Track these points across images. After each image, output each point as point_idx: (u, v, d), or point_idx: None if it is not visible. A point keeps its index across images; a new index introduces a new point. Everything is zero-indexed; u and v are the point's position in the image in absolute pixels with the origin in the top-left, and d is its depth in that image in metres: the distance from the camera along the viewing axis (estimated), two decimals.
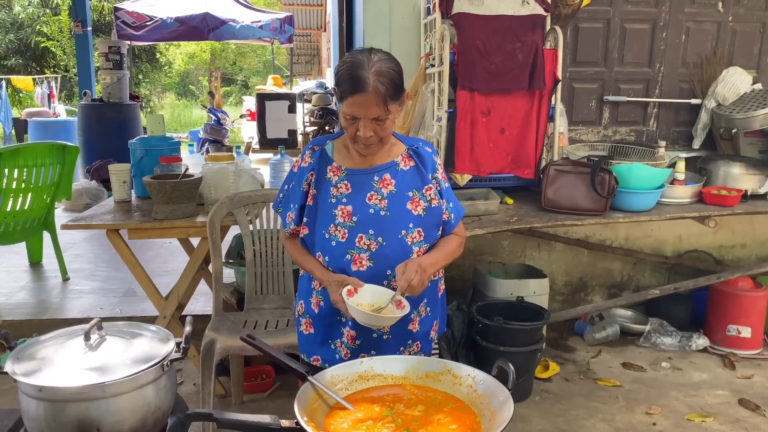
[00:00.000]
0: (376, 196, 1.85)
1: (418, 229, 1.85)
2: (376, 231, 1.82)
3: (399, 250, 1.82)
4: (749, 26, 4.11)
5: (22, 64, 17.85)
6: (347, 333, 1.89)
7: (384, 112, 1.72)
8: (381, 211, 1.83)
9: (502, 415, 1.32)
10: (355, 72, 1.70)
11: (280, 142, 7.52)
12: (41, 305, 4.42)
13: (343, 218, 1.83)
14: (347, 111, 1.73)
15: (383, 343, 1.89)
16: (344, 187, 1.86)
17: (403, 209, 1.84)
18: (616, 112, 4.14)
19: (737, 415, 3.19)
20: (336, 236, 1.83)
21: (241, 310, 3.14)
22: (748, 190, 3.55)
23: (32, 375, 1.33)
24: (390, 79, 1.72)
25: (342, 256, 1.83)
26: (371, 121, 1.73)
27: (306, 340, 2.00)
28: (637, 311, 4.29)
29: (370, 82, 1.68)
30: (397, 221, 1.83)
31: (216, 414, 1.24)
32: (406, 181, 1.87)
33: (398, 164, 1.88)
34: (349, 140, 1.81)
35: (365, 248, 1.82)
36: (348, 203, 1.84)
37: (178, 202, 3.05)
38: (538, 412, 3.20)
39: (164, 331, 1.53)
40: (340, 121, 1.80)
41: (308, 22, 17.08)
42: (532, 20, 3.32)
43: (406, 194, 1.85)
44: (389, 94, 1.71)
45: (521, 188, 3.63)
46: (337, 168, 1.88)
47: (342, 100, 1.74)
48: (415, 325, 1.92)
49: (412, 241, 1.84)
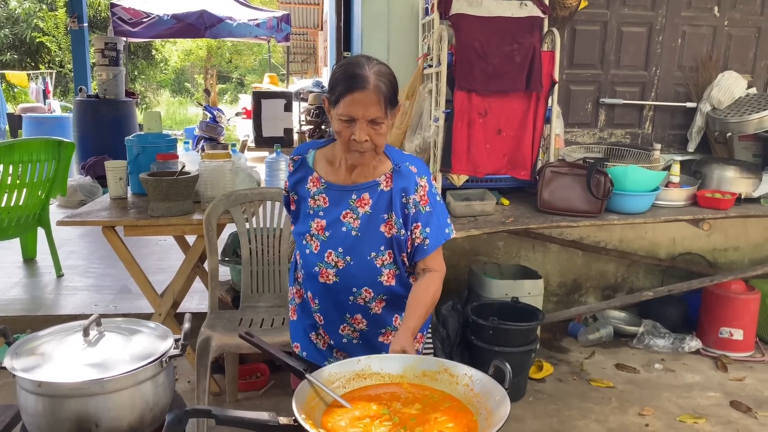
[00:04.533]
0: (351, 214, 1.81)
1: (389, 251, 1.81)
2: (345, 250, 1.80)
3: (366, 270, 1.81)
4: (744, 31, 4.14)
5: (17, 59, 17.77)
6: (321, 331, 1.95)
7: (382, 114, 1.67)
8: (353, 231, 1.80)
9: (499, 414, 1.33)
10: (354, 70, 1.65)
11: (276, 141, 7.52)
12: (35, 301, 4.41)
13: (317, 231, 1.83)
14: (343, 112, 1.65)
15: (354, 346, 1.92)
16: (322, 200, 1.84)
17: (376, 231, 1.80)
18: (612, 115, 4.16)
19: (729, 416, 3.21)
20: (310, 245, 1.85)
21: (237, 308, 3.14)
22: (741, 193, 3.58)
23: (31, 370, 1.34)
24: (390, 81, 1.69)
25: (312, 266, 1.85)
26: (368, 124, 1.66)
27: (292, 326, 2.05)
28: (631, 313, 4.32)
29: (371, 80, 1.64)
30: (368, 243, 1.80)
31: (215, 411, 1.24)
32: (383, 202, 1.80)
33: (380, 184, 1.81)
34: (343, 147, 1.73)
35: (333, 264, 1.82)
36: (324, 217, 1.83)
37: (174, 200, 3.05)
38: (531, 412, 3.21)
39: (163, 327, 1.54)
40: (333, 128, 1.72)
41: (305, 21, 17.06)
42: (530, 22, 3.34)
43: (381, 216, 1.80)
44: (388, 96, 1.68)
45: (517, 189, 3.64)
46: (317, 179, 1.85)
47: (338, 101, 1.67)
48: (387, 338, 1.91)
49: (382, 263, 1.82)
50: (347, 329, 1.91)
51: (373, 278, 1.82)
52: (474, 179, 3.43)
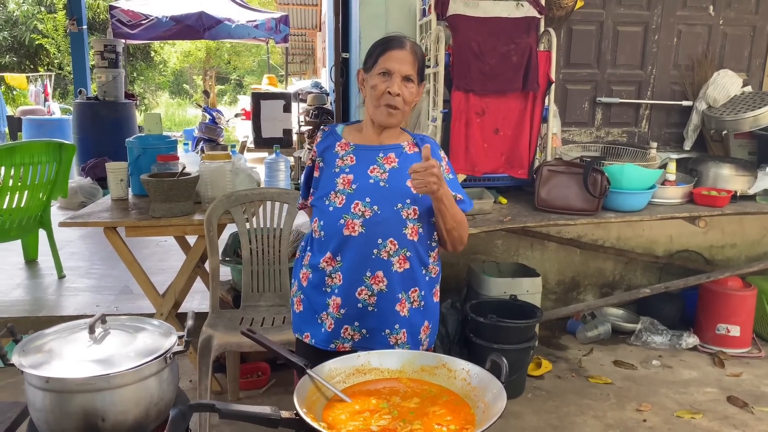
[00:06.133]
0: (378, 169, 1.93)
1: (414, 207, 1.90)
2: (373, 199, 1.88)
3: (393, 220, 1.88)
4: (740, 29, 4.17)
5: (16, 61, 17.76)
6: (333, 302, 1.93)
7: (415, 74, 1.89)
8: (380, 182, 1.91)
9: (496, 407, 1.35)
10: (393, 36, 1.92)
11: (275, 142, 7.56)
12: (37, 303, 4.43)
13: (343, 186, 1.91)
14: (381, 67, 1.87)
15: (368, 315, 1.91)
16: (349, 160, 1.96)
17: (403, 185, 1.90)
18: (609, 114, 4.19)
19: (726, 412, 3.24)
20: (334, 202, 1.90)
21: (238, 307, 3.17)
22: (737, 191, 3.60)
23: (39, 367, 1.37)
24: (421, 53, 1.93)
25: (336, 220, 1.89)
26: (401, 80, 1.86)
27: (297, 318, 2.05)
28: (629, 310, 4.35)
29: (407, 43, 1.90)
30: (395, 194, 1.90)
31: (219, 405, 1.27)
32: (409, 163, 1.91)
33: (404, 147, 1.98)
34: (375, 103, 1.90)
35: (359, 214, 1.87)
36: (350, 173, 1.93)
37: (175, 200, 3.07)
38: (530, 409, 3.24)
39: (166, 325, 1.57)
40: (371, 85, 1.90)
41: (303, 22, 17.08)
42: (527, 22, 3.37)
43: (407, 173, 1.89)
44: (420, 63, 1.91)
45: (515, 188, 3.67)
46: (346, 144, 1.99)
47: (375, 62, 1.89)
48: (402, 308, 1.93)
49: (407, 216, 1.89)
50: (365, 293, 1.90)
51: (398, 230, 1.88)
52: (472, 178, 3.46)
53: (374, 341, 1.92)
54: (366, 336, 1.93)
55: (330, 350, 1.92)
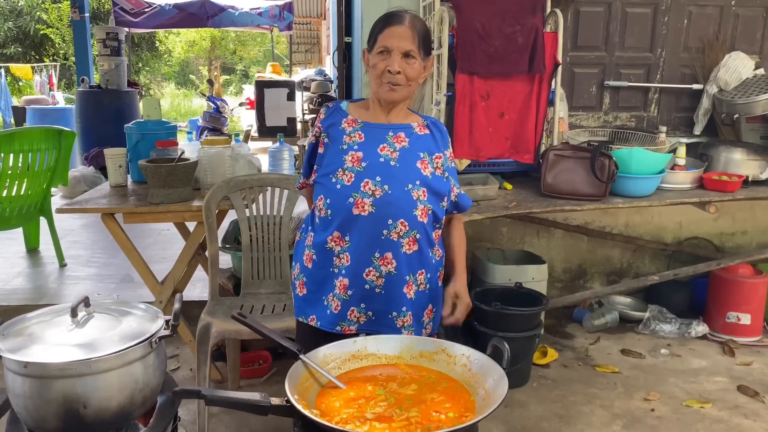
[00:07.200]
0: (388, 148, 1.88)
1: (424, 189, 1.86)
2: (384, 179, 1.83)
3: (404, 200, 1.83)
4: (752, 11, 4.06)
5: (21, 52, 17.77)
6: (340, 283, 1.87)
7: (416, 49, 1.81)
8: (391, 161, 1.86)
9: (496, 394, 1.30)
10: (392, 12, 1.86)
11: (279, 130, 7.50)
12: (38, 291, 4.40)
13: (352, 163, 1.85)
14: (380, 44, 1.81)
15: (375, 297, 1.86)
16: (357, 137, 1.90)
17: (413, 165, 1.87)
18: (617, 98, 4.10)
19: (736, 401, 3.17)
20: (342, 180, 1.84)
21: (238, 295, 3.12)
22: (749, 176, 3.51)
23: (18, 351, 1.32)
24: (423, 26, 1.85)
25: (345, 198, 1.82)
26: (402, 57, 1.80)
27: (300, 301, 1.99)
28: (637, 298, 4.28)
29: (406, 18, 1.82)
30: (406, 174, 1.85)
31: (205, 391, 1.22)
32: (419, 143, 1.90)
33: (414, 128, 1.93)
34: (376, 81, 1.85)
35: (370, 193, 1.82)
36: (359, 150, 1.87)
37: (173, 186, 3.02)
38: (536, 398, 3.18)
39: (153, 309, 1.52)
40: (371, 64, 1.86)
41: (308, 10, 16.98)
42: (532, 3, 3.28)
43: (417, 153, 1.88)
44: (422, 37, 1.83)
45: (520, 173, 3.60)
46: (353, 120, 1.93)
47: (375, 40, 1.83)
48: (409, 291, 1.88)
49: (417, 197, 1.85)
50: (372, 274, 1.85)
51: (409, 210, 1.83)
52: (476, 163, 3.39)
53: (380, 324, 1.88)
54: (372, 318, 1.88)
55: (336, 332, 1.88)
